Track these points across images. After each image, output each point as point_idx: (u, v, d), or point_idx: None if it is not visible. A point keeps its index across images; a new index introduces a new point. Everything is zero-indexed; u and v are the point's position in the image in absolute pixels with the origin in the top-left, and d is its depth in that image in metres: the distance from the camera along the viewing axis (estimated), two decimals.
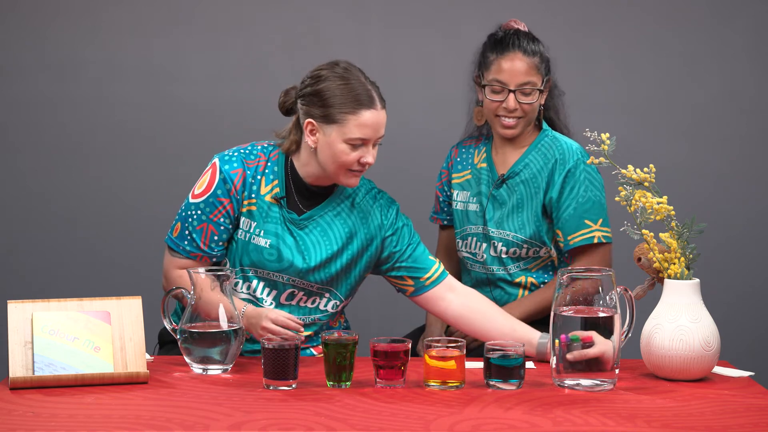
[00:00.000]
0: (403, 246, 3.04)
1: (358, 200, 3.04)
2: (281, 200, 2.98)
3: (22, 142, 4.50)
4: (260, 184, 2.99)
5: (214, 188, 2.96)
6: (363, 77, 2.93)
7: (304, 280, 2.99)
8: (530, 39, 3.23)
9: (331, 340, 2.68)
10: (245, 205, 2.98)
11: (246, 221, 2.98)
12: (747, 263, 4.55)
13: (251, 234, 2.98)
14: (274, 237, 2.97)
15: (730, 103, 4.53)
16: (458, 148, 3.41)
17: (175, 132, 4.48)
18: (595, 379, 2.65)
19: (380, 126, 2.91)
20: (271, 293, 3.01)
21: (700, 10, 4.51)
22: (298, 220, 2.99)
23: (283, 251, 2.97)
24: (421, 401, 2.57)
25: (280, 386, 2.66)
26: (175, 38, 4.47)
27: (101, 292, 3.17)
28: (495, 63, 3.21)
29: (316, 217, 3.00)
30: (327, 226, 3.00)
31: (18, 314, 2.71)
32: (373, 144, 2.92)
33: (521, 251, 3.24)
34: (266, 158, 3.00)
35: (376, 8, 4.51)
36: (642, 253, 2.86)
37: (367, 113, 2.88)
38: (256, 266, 2.98)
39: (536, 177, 3.24)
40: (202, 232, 2.97)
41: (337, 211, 3.02)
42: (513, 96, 3.19)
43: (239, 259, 3.00)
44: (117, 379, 2.68)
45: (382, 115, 2.91)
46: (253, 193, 2.98)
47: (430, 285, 3.02)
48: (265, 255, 2.97)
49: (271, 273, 2.98)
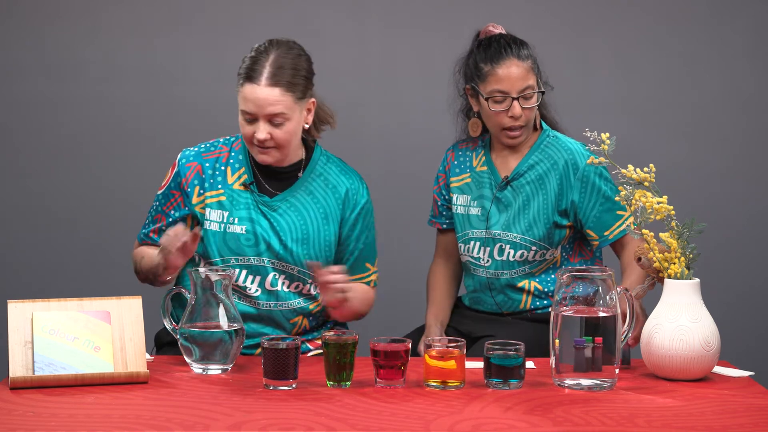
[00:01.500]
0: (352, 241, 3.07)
1: (332, 179, 3.06)
2: (251, 185, 3.02)
3: (22, 142, 4.50)
4: (226, 175, 3.05)
5: (170, 181, 3.09)
6: (274, 54, 2.94)
7: (283, 262, 3.01)
8: (518, 43, 3.21)
9: (331, 340, 2.68)
10: (210, 197, 3.03)
11: (217, 212, 3.03)
12: (747, 263, 4.55)
13: (225, 224, 3.02)
14: (249, 222, 3.02)
15: (730, 103, 4.53)
16: (454, 151, 3.39)
17: (175, 132, 4.48)
18: (595, 378, 2.66)
19: (263, 102, 2.92)
20: (255, 280, 3.03)
21: (700, 10, 4.51)
22: (270, 202, 3.02)
23: (258, 234, 3.01)
24: (421, 401, 2.57)
25: (280, 386, 2.66)
26: (175, 38, 4.47)
27: (101, 292, 3.17)
28: (491, 73, 3.18)
29: (288, 198, 3.04)
30: (301, 206, 3.04)
31: (18, 314, 2.71)
32: (269, 121, 2.94)
33: (529, 254, 3.23)
34: (228, 148, 3.08)
35: (375, 8, 4.51)
36: (642, 252, 2.86)
37: (248, 87, 2.93)
38: (236, 254, 3.02)
39: (543, 178, 3.22)
40: (155, 222, 3.10)
41: (309, 190, 3.05)
42: (517, 103, 3.17)
43: (219, 251, 3.02)
44: (117, 378, 2.68)
45: (266, 91, 2.92)
46: (219, 184, 3.04)
47: None
48: (242, 241, 3.01)
49: (251, 258, 3.01)
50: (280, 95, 2.92)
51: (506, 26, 3.32)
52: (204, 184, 3.04)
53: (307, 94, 2.99)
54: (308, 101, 3.00)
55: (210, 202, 3.03)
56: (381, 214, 4.57)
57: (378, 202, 4.66)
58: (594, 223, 3.20)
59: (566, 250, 3.26)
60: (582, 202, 3.19)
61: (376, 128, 4.56)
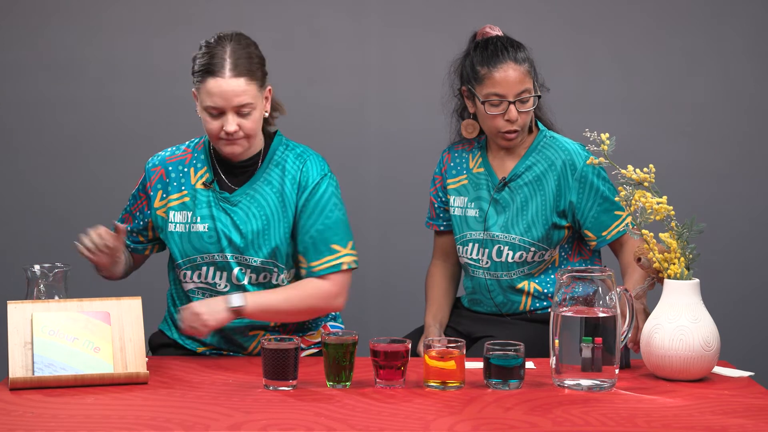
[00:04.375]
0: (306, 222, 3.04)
1: (288, 166, 3.06)
2: (212, 183, 3.04)
3: (22, 142, 4.50)
4: (190, 176, 3.07)
5: (138, 184, 3.15)
6: (230, 47, 2.94)
7: (245, 255, 3.02)
8: (515, 46, 3.20)
9: (330, 340, 2.68)
10: (174, 200, 3.06)
11: (182, 213, 3.05)
12: (747, 263, 4.55)
13: (189, 224, 3.05)
14: (210, 219, 3.03)
15: (730, 102, 4.53)
16: (450, 152, 3.38)
17: (174, 132, 4.47)
18: (595, 379, 2.65)
19: (229, 95, 2.92)
20: (223, 276, 3.04)
21: (700, 10, 4.51)
22: (230, 197, 3.03)
23: (219, 231, 3.02)
24: (421, 401, 2.57)
25: (279, 386, 2.66)
26: (175, 38, 4.47)
27: (101, 292, 3.17)
28: (488, 77, 3.16)
29: (248, 191, 3.04)
30: (261, 197, 3.04)
31: (18, 315, 2.71)
32: (237, 112, 2.94)
33: (528, 255, 3.22)
34: (191, 150, 3.11)
35: (375, 8, 4.51)
36: (642, 253, 2.86)
37: (212, 81, 2.92)
38: (201, 252, 3.03)
39: (541, 179, 3.22)
40: (125, 221, 3.15)
41: (267, 180, 3.04)
42: (513, 107, 3.16)
43: (185, 251, 3.04)
44: (117, 379, 2.68)
45: (232, 83, 2.92)
46: (183, 186, 3.06)
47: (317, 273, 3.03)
48: (205, 239, 3.03)
49: (215, 255, 3.03)
50: (245, 85, 2.93)
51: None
52: (167, 188, 3.07)
53: (265, 82, 3.00)
54: (266, 89, 3.01)
55: (173, 205, 3.06)
56: (380, 214, 4.58)
57: (377, 202, 4.68)
58: (592, 224, 3.19)
59: (565, 249, 3.26)
60: (580, 203, 3.19)
61: (375, 128, 4.56)
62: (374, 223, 4.52)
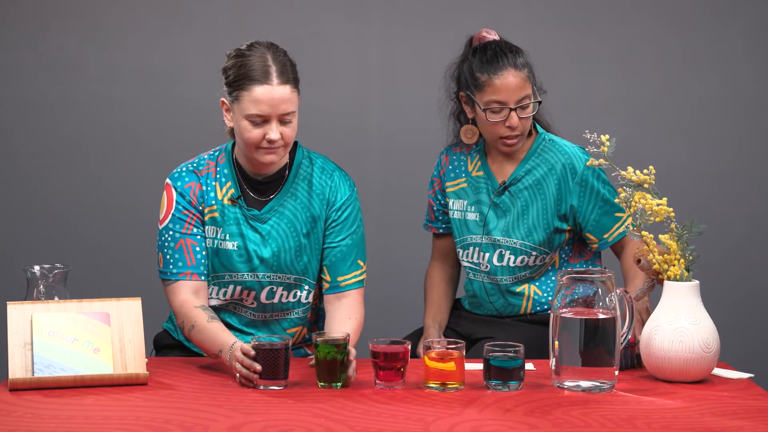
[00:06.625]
0: (336, 237, 3.03)
1: (315, 180, 3.04)
2: (238, 200, 2.99)
3: (22, 142, 4.50)
4: (216, 190, 3.01)
5: (174, 206, 2.99)
6: (270, 54, 2.92)
7: (279, 273, 3.00)
8: (514, 51, 3.18)
9: (320, 341, 2.68)
10: (206, 213, 3.00)
11: (211, 228, 3.00)
12: (747, 264, 4.55)
13: (218, 240, 2.99)
14: (240, 238, 2.99)
15: (730, 103, 4.53)
16: (448, 155, 3.37)
17: (175, 132, 4.48)
18: (595, 380, 2.66)
19: (277, 102, 2.89)
20: (251, 293, 3.01)
21: (700, 11, 4.51)
22: (259, 215, 3.00)
23: (250, 250, 2.98)
24: (421, 403, 2.57)
25: (270, 386, 2.66)
26: (175, 38, 4.47)
27: (101, 293, 3.17)
28: (489, 84, 3.13)
29: (277, 207, 3.00)
30: (290, 213, 3.01)
31: (18, 315, 2.71)
32: (280, 120, 2.91)
33: (529, 259, 3.22)
34: (215, 163, 3.03)
35: (375, 8, 4.51)
36: (641, 254, 2.86)
37: (259, 89, 2.88)
38: (230, 270, 2.99)
39: (541, 183, 3.21)
40: (182, 249, 2.97)
41: (294, 195, 3.02)
42: (515, 114, 3.15)
43: (213, 267, 3.00)
44: (116, 380, 2.68)
45: (279, 90, 2.89)
46: (212, 200, 3.00)
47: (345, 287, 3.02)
48: (235, 257, 2.98)
49: (245, 274, 2.99)
50: (290, 92, 2.91)
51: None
52: (205, 199, 3.00)
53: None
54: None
55: (206, 219, 3.00)
56: (380, 215, 4.58)
57: (377, 203, 4.67)
58: (593, 227, 3.19)
59: (565, 252, 3.26)
60: (581, 206, 3.18)
61: (375, 129, 4.56)
62: (375, 224, 4.52)
